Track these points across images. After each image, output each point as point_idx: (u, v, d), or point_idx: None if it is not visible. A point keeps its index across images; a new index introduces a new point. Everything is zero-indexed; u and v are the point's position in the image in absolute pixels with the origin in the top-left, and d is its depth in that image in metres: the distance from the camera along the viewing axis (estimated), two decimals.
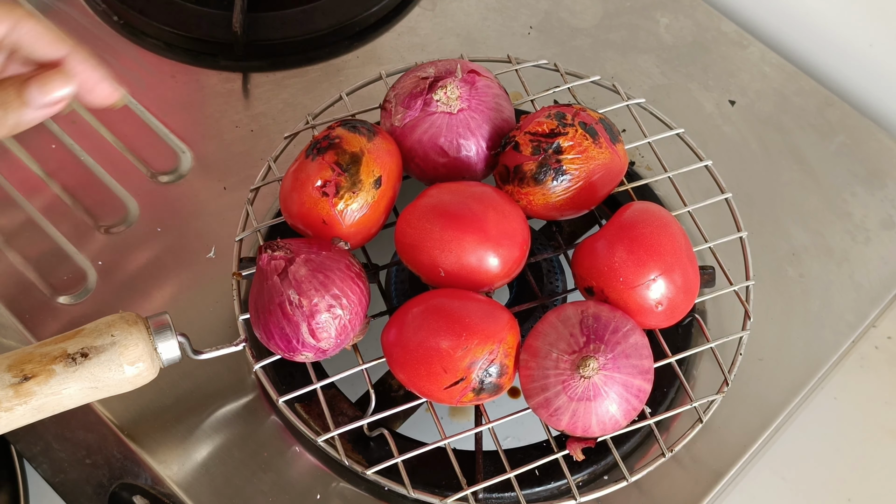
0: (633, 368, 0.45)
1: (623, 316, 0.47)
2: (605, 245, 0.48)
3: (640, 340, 0.46)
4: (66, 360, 0.45)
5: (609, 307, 0.47)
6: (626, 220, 0.49)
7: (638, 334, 0.46)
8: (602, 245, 0.48)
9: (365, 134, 0.49)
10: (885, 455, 0.61)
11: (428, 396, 0.47)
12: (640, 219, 0.49)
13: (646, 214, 0.49)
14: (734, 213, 0.57)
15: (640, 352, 0.46)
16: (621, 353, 0.45)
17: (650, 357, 0.47)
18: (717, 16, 0.78)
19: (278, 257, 0.46)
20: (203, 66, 0.71)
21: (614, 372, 0.45)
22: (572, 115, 0.51)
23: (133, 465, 0.56)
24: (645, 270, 0.47)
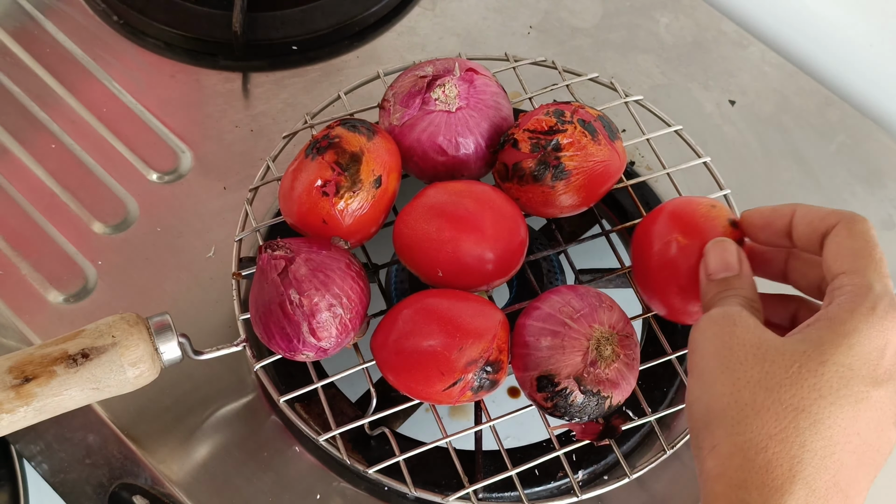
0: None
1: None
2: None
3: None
4: (66, 361, 0.45)
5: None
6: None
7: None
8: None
9: (364, 133, 0.49)
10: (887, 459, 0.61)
11: (425, 399, 0.47)
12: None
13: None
14: (733, 210, 0.56)
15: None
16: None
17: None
18: (717, 16, 0.78)
19: (278, 257, 0.46)
20: (203, 66, 0.71)
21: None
22: (571, 113, 0.50)
23: (133, 465, 0.56)
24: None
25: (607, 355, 0.44)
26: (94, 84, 0.70)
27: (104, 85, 0.70)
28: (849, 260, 0.40)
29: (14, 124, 0.67)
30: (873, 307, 0.38)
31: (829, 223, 0.42)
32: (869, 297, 0.38)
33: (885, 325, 0.38)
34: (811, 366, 0.37)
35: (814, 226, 0.43)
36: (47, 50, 0.71)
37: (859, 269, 0.39)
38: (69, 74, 0.70)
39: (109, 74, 0.70)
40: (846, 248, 0.40)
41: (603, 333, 0.45)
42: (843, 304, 0.38)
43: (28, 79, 0.69)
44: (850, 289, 0.39)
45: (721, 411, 0.37)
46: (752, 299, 0.42)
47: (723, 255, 0.44)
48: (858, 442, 0.37)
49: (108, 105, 0.69)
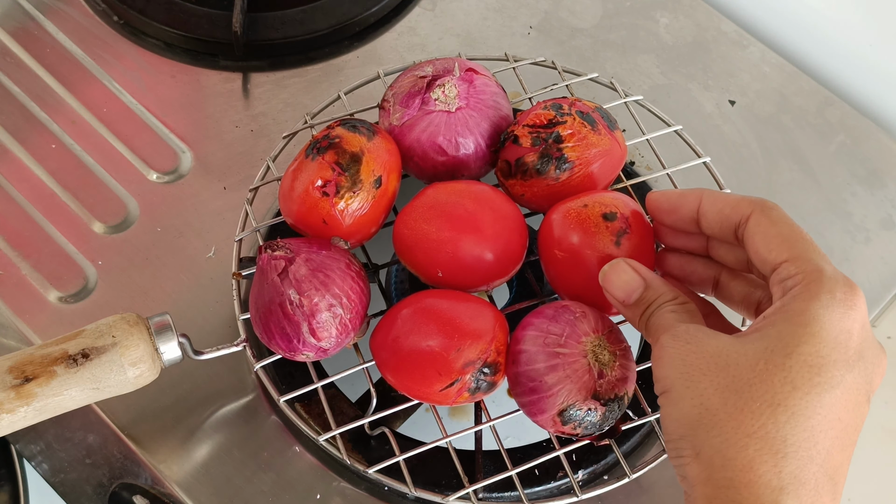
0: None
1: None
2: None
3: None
4: (67, 361, 0.45)
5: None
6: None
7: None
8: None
9: (365, 133, 0.49)
10: (885, 455, 0.61)
11: (423, 399, 0.47)
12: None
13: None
14: None
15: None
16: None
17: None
18: (717, 16, 0.78)
19: (278, 257, 0.46)
20: (203, 66, 0.71)
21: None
22: (569, 105, 0.51)
23: (133, 465, 0.56)
24: None
25: (608, 360, 0.44)
26: (94, 84, 0.70)
27: (104, 85, 0.70)
28: (785, 247, 0.39)
29: (14, 124, 0.67)
30: (831, 290, 0.37)
31: (742, 212, 0.41)
32: (825, 282, 0.37)
33: (847, 305, 0.37)
34: (777, 360, 0.36)
35: (724, 214, 0.42)
36: (47, 50, 0.71)
37: (801, 255, 0.39)
38: (69, 74, 0.70)
39: (109, 74, 0.70)
40: (774, 234, 0.40)
41: (593, 342, 0.44)
42: (799, 293, 0.38)
43: (28, 79, 0.69)
44: (801, 276, 0.38)
45: (695, 420, 0.37)
46: (674, 298, 0.42)
47: (621, 279, 0.43)
48: (840, 427, 0.36)
49: (108, 105, 0.69)
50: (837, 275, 0.38)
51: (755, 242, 0.41)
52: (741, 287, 0.46)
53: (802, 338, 0.36)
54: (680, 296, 0.42)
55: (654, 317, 0.42)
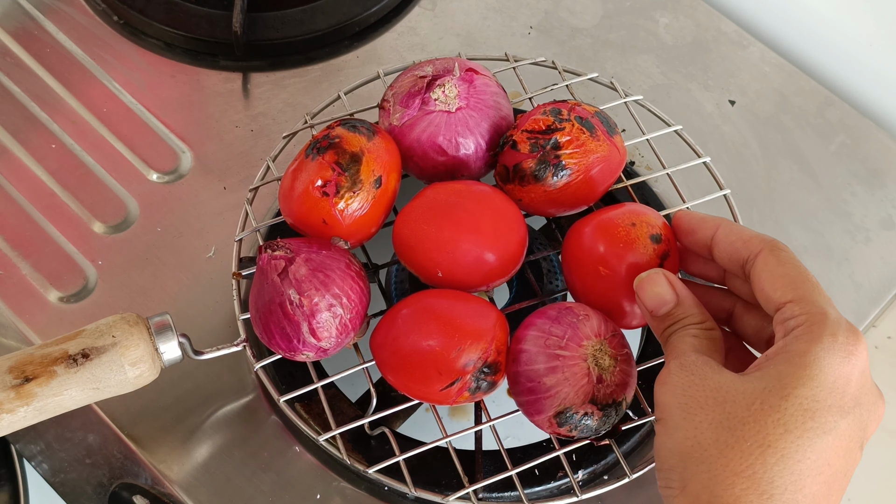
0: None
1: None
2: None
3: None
4: (67, 361, 0.45)
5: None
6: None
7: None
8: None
9: (365, 133, 0.49)
10: (885, 455, 0.61)
11: (423, 398, 0.47)
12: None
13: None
14: (733, 209, 0.57)
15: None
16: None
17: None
18: (717, 16, 0.78)
19: (278, 257, 0.46)
20: (203, 66, 0.71)
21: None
22: (568, 111, 0.51)
23: (133, 465, 0.56)
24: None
25: (608, 365, 0.44)
26: (94, 84, 0.70)
27: (104, 85, 0.70)
28: (790, 288, 0.39)
29: (14, 124, 0.67)
30: (833, 334, 0.37)
31: (752, 249, 0.42)
32: (828, 325, 0.37)
33: (847, 351, 0.37)
34: (772, 401, 0.36)
35: (735, 247, 0.43)
36: (47, 50, 0.71)
37: (806, 296, 0.39)
38: (69, 74, 0.70)
39: (109, 74, 0.70)
40: (780, 275, 0.40)
41: (595, 346, 0.44)
42: (801, 335, 0.38)
43: (28, 79, 0.69)
44: (804, 318, 0.38)
45: (686, 453, 0.37)
46: (700, 322, 0.42)
47: (655, 291, 0.43)
48: (829, 472, 0.36)
49: (108, 105, 0.69)
50: (841, 319, 0.38)
51: (761, 280, 0.41)
52: (754, 321, 0.46)
53: (801, 380, 0.36)
54: (708, 321, 0.42)
55: (675, 336, 0.42)
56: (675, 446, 0.38)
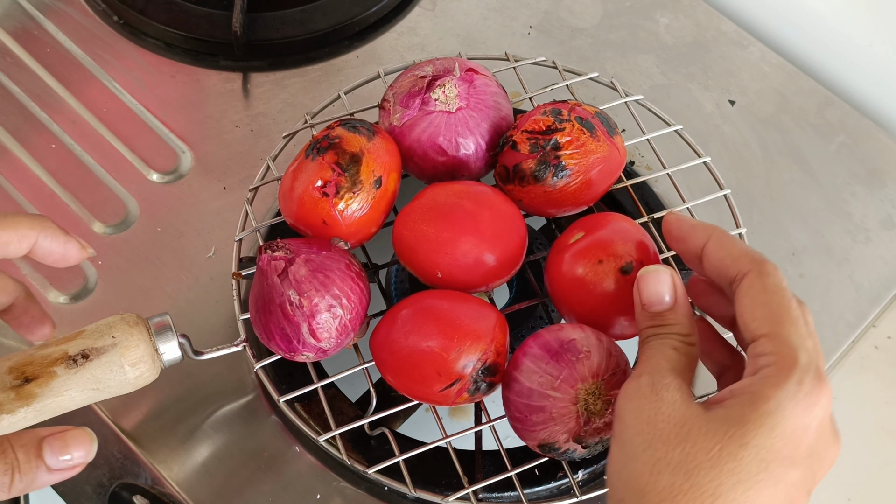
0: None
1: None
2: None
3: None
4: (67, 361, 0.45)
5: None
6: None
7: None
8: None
9: (365, 134, 0.49)
10: (885, 455, 0.61)
11: (422, 399, 0.47)
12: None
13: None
14: (733, 209, 0.57)
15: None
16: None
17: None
18: (717, 16, 0.78)
19: (278, 257, 0.46)
20: (203, 66, 0.71)
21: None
22: (568, 111, 0.51)
23: (133, 465, 0.56)
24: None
25: (598, 409, 0.43)
26: (94, 84, 0.70)
27: (104, 85, 0.70)
28: (768, 320, 0.39)
29: (14, 124, 0.67)
30: (800, 382, 0.37)
31: (740, 269, 0.41)
32: (795, 371, 0.37)
33: (810, 401, 0.37)
34: (731, 448, 0.36)
35: (724, 263, 0.42)
36: (47, 50, 0.71)
37: (781, 334, 0.38)
38: (69, 74, 0.70)
39: (109, 74, 0.70)
40: (761, 303, 0.39)
41: (588, 390, 0.43)
42: (768, 377, 0.37)
43: (28, 79, 0.69)
44: (773, 358, 0.37)
45: (639, 491, 0.37)
46: (686, 335, 0.41)
47: (656, 288, 0.43)
48: None
49: (108, 105, 0.69)
50: (811, 364, 0.37)
51: (742, 305, 0.40)
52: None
53: (761, 429, 0.36)
54: (692, 335, 0.41)
55: (656, 341, 0.41)
56: (629, 478, 0.38)
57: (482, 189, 0.50)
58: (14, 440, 0.39)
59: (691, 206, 0.56)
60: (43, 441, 0.40)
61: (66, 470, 0.40)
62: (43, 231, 0.46)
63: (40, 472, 0.39)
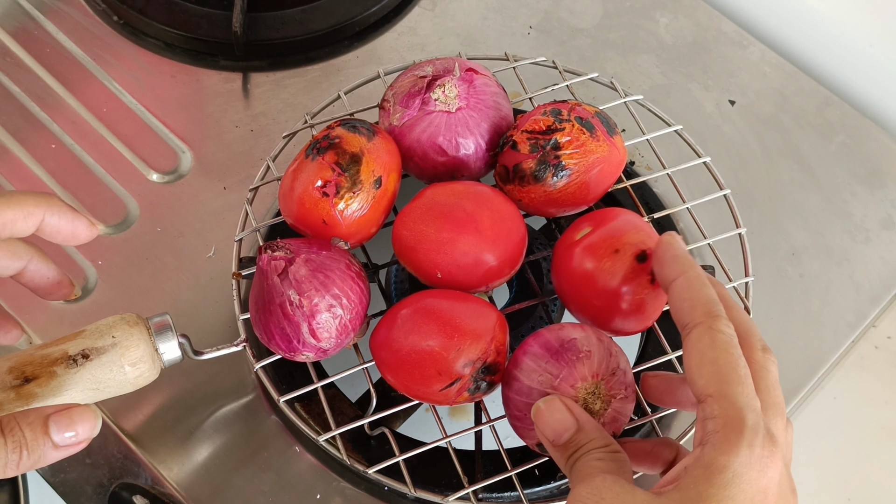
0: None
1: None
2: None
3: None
4: (67, 361, 0.45)
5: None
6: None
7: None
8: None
9: (365, 134, 0.49)
10: (885, 455, 0.61)
11: (423, 399, 0.47)
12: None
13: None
14: (733, 209, 0.57)
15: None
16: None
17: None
18: (717, 16, 0.78)
19: (278, 257, 0.46)
20: (203, 66, 0.71)
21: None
22: (568, 111, 0.51)
23: (133, 465, 0.56)
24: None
25: (598, 409, 0.43)
26: (94, 84, 0.70)
27: (104, 85, 0.70)
28: (714, 379, 0.38)
29: (14, 124, 0.67)
30: (751, 445, 0.36)
31: (693, 319, 0.40)
32: (745, 435, 0.36)
33: (764, 464, 0.36)
34: None
35: (682, 308, 0.41)
36: (47, 50, 0.71)
37: (727, 393, 0.37)
38: (69, 74, 0.70)
39: (109, 74, 0.70)
40: (709, 360, 0.38)
41: (588, 389, 0.43)
42: (718, 444, 0.36)
43: (28, 79, 0.69)
44: (721, 422, 0.37)
45: None
46: (604, 446, 0.41)
47: (553, 418, 0.42)
48: None
49: (108, 105, 0.69)
50: (759, 424, 0.37)
51: (690, 360, 0.39)
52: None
53: (720, 501, 0.35)
54: (612, 444, 0.41)
55: (579, 462, 0.40)
56: None
57: (482, 189, 0.50)
58: (21, 418, 0.40)
59: (691, 206, 0.56)
60: (49, 418, 0.40)
61: (71, 446, 0.41)
62: (50, 208, 0.46)
63: (47, 448, 0.40)
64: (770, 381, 0.40)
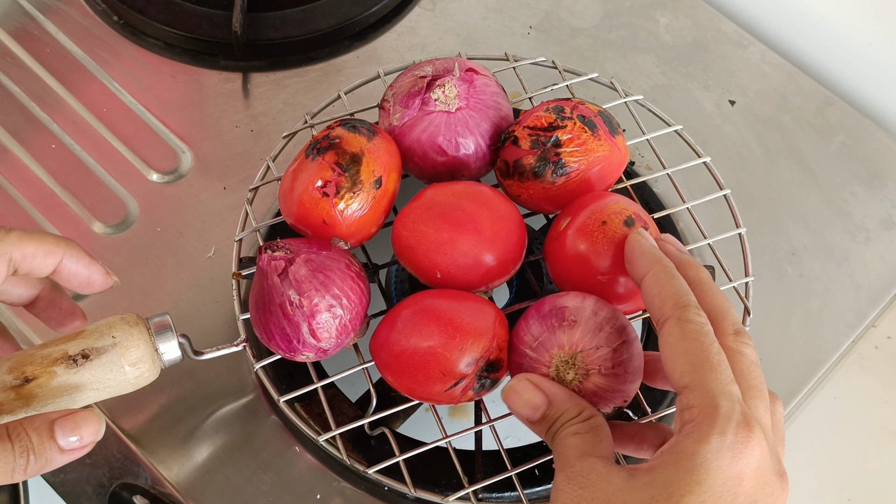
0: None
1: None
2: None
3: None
4: (67, 361, 0.45)
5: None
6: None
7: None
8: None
9: (365, 134, 0.49)
10: (885, 455, 0.61)
11: (426, 399, 0.47)
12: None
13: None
14: (733, 209, 0.57)
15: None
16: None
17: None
18: (717, 16, 0.78)
19: (278, 257, 0.46)
20: (203, 66, 0.71)
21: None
22: (570, 109, 0.51)
23: (133, 465, 0.56)
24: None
25: (570, 379, 0.43)
26: (94, 84, 0.70)
27: (104, 85, 0.70)
28: (688, 369, 0.38)
29: (14, 124, 0.67)
30: (722, 433, 0.36)
31: (664, 314, 0.40)
32: (717, 422, 0.36)
33: (737, 450, 0.36)
34: None
35: (654, 303, 0.41)
36: (47, 50, 0.71)
37: (701, 383, 0.37)
38: (69, 74, 0.70)
39: (109, 74, 0.70)
40: (682, 352, 0.38)
41: (562, 357, 0.44)
42: (691, 432, 0.36)
43: (28, 79, 0.69)
44: (697, 411, 0.37)
45: None
46: (577, 416, 0.41)
47: (522, 399, 0.42)
48: None
49: (108, 105, 0.69)
50: (733, 412, 0.37)
51: (664, 354, 0.39)
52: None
53: (688, 486, 0.35)
54: (585, 410, 0.41)
55: (557, 439, 0.41)
56: None
57: (481, 189, 0.50)
58: (27, 424, 0.40)
59: (691, 206, 0.56)
60: (54, 423, 0.41)
61: (76, 450, 0.41)
62: (69, 250, 0.47)
63: (53, 452, 0.41)
64: (745, 363, 0.40)
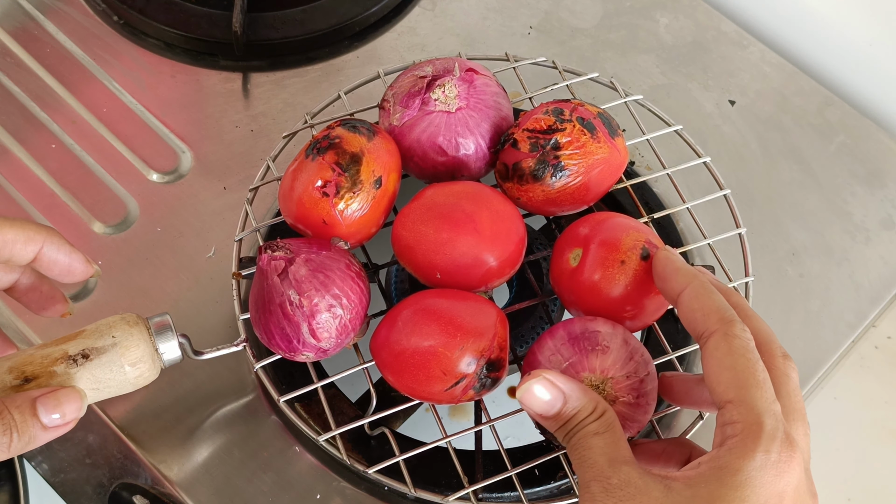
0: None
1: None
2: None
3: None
4: (67, 361, 0.45)
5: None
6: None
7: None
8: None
9: (365, 134, 0.49)
10: (885, 455, 0.61)
11: (427, 399, 0.47)
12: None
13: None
14: (733, 209, 0.57)
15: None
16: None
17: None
18: (717, 16, 0.78)
19: (278, 257, 0.46)
20: (203, 66, 0.71)
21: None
22: (570, 111, 0.50)
23: (133, 465, 0.56)
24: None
25: None
26: (94, 84, 0.70)
27: (104, 85, 0.70)
28: (733, 385, 0.38)
29: (14, 124, 0.67)
30: (767, 450, 0.36)
31: (708, 327, 0.40)
32: (762, 440, 0.36)
33: (780, 469, 0.36)
34: None
35: (695, 318, 0.41)
36: (47, 50, 0.71)
37: (746, 399, 0.37)
38: (69, 74, 0.70)
39: (109, 74, 0.70)
40: (727, 367, 0.38)
41: (592, 381, 0.44)
42: (735, 448, 0.36)
43: (28, 79, 0.69)
44: (740, 427, 0.37)
45: None
46: (593, 412, 0.40)
47: (539, 399, 0.42)
48: None
49: (108, 105, 0.69)
50: (777, 430, 0.37)
51: (708, 367, 0.39)
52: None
53: (732, 502, 0.35)
54: (599, 405, 0.41)
55: (576, 439, 0.40)
56: None
57: (481, 189, 0.50)
58: (9, 402, 0.41)
59: (691, 206, 0.56)
60: (36, 401, 0.41)
61: (59, 427, 0.42)
62: (49, 237, 0.47)
63: (36, 430, 0.41)
64: (791, 386, 0.40)
